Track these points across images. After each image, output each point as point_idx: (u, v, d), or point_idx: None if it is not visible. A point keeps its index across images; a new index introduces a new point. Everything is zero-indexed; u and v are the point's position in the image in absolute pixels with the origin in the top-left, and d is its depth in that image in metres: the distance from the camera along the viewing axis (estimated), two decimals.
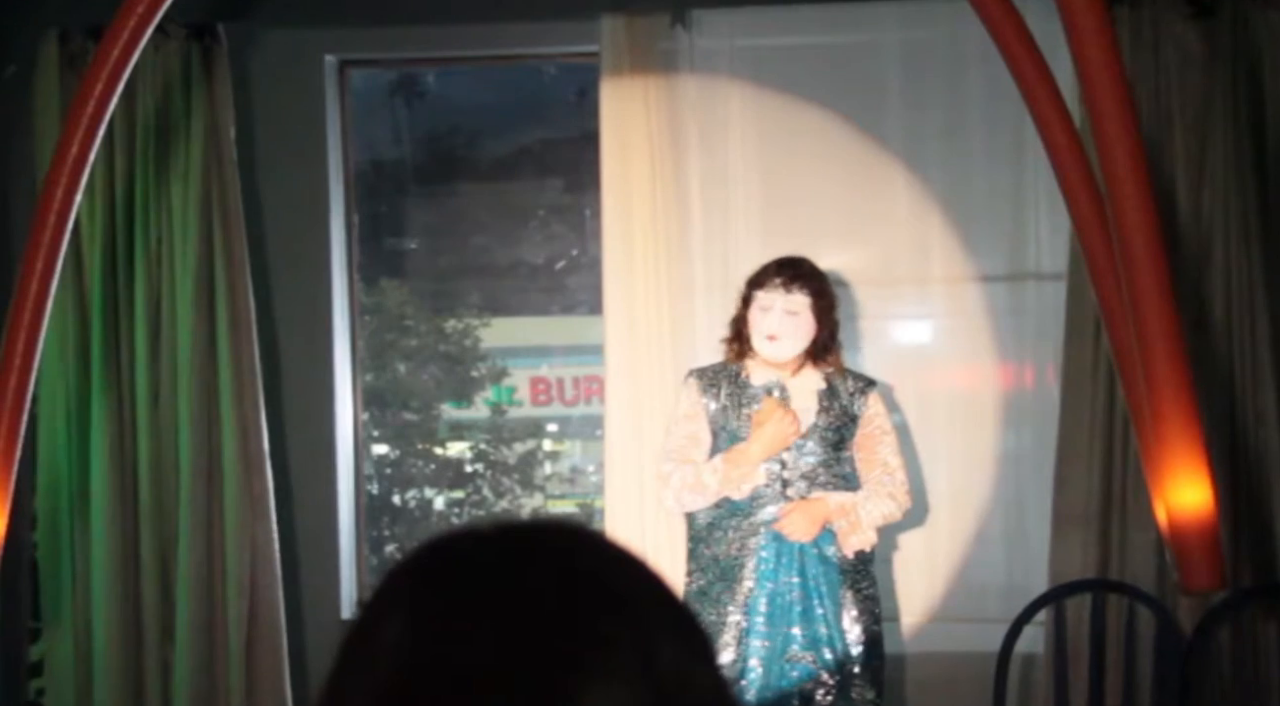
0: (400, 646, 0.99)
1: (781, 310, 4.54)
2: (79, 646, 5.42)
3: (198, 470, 5.36)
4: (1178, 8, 5.13)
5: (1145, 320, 3.34)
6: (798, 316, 4.54)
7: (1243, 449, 5.07)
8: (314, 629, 5.49)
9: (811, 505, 4.51)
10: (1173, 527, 3.45)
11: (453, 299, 6.40)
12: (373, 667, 0.99)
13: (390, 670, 0.98)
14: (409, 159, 6.36)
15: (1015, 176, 5.38)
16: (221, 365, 5.37)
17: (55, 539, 5.42)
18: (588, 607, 0.99)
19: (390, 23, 5.58)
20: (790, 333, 4.54)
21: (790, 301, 4.53)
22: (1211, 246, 5.11)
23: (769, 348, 4.56)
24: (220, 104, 5.39)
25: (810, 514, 4.50)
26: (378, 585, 1.04)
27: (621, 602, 1.00)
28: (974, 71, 5.20)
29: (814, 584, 4.51)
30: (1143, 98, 4.88)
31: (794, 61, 5.50)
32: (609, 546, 1.05)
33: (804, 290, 4.54)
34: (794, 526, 4.49)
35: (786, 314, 4.54)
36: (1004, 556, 5.43)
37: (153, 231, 5.41)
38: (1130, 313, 3.41)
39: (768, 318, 4.55)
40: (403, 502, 6.36)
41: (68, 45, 5.37)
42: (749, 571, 4.52)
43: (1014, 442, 5.49)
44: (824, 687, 4.51)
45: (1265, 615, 5.08)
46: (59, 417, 5.38)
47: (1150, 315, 3.33)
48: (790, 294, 4.53)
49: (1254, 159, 5.13)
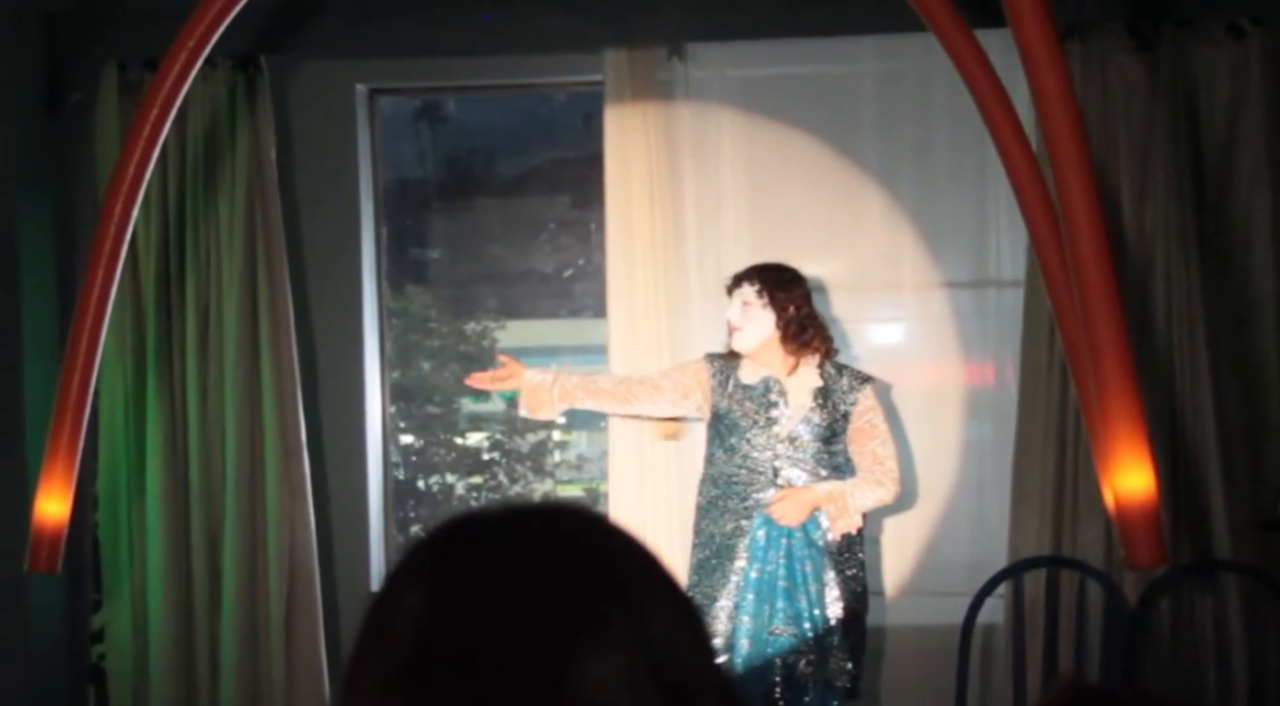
0: (419, 617, 0.99)
1: (738, 304, 4.64)
2: (136, 616, 5.43)
3: (242, 458, 5.37)
4: (1123, 43, 5.14)
5: (1095, 323, 3.34)
6: (750, 306, 4.62)
7: (1182, 439, 5.07)
8: (346, 600, 5.49)
9: (800, 493, 4.52)
10: (1119, 509, 3.45)
11: (471, 303, 6.39)
12: (394, 635, 0.99)
13: (410, 637, 0.99)
14: (431, 177, 6.35)
15: (978, 193, 5.38)
16: (263, 363, 5.37)
17: (114, 519, 5.42)
18: (588, 584, 0.99)
19: (415, 55, 5.58)
20: (747, 322, 4.63)
21: (742, 293, 4.64)
22: (1154, 257, 5.11)
23: (733, 339, 4.67)
24: (262, 128, 5.40)
25: (799, 501, 4.51)
26: (399, 561, 1.04)
27: (618, 580, 1.01)
28: (941, 99, 5.20)
29: (799, 565, 4.52)
30: (1092, 123, 4.87)
31: (779, 90, 5.50)
32: (610, 528, 1.05)
33: (750, 283, 4.64)
34: (783, 512, 4.50)
35: (742, 306, 4.63)
36: (968, 535, 5.43)
37: (201, 243, 5.41)
38: (1081, 317, 3.41)
39: (730, 313, 4.66)
40: (426, 487, 6.35)
41: (126, 75, 5.37)
42: (741, 550, 4.54)
43: (976, 433, 5.49)
44: (805, 658, 4.51)
45: (1201, 588, 5.09)
46: (118, 410, 5.38)
47: (1099, 319, 3.33)
48: (740, 288, 4.64)
49: (1192, 178, 5.13)
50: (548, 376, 4.72)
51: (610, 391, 4.76)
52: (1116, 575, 4.95)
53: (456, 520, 1.06)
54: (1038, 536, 5.13)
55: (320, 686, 5.33)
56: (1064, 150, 3.31)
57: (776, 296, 4.60)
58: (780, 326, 4.61)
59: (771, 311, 4.60)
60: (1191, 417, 5.08)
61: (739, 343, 4.64)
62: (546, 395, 4.69)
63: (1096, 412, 3.47)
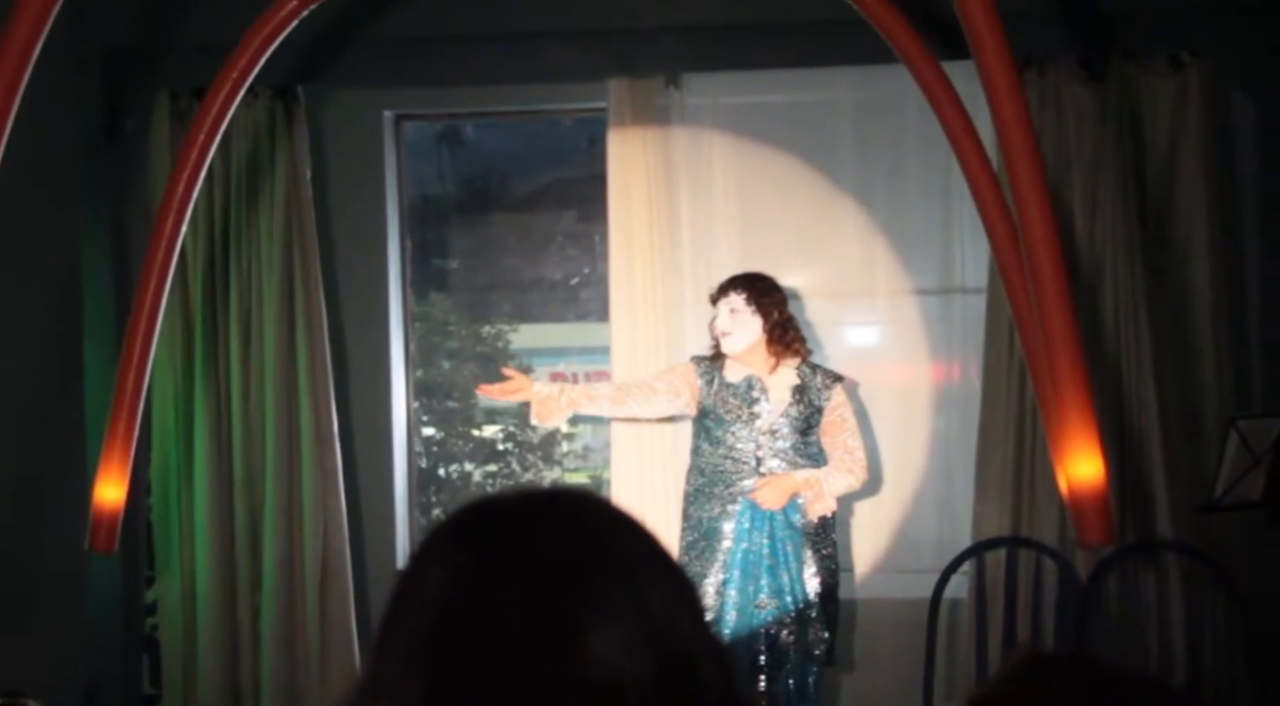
0: (441, 591, 0.99)
1: (726, 311, 4.66)
2: (185, 591, 5.43)
3: (280, 448, 5.37)
4: (1074, 73, 5.14)
5: (1050, 326, 3.34)
6: (737, 313, 4.65)
7: (1128, 431, 5.08)
8: (374, 576, 5.49)
9: (781, 479, 4.53)
10: (1071, 494, 3.45)
11: (487, 309, 6.39)
12: (419, 608, 0.99)
13: (433, 610, 0.99)
14: (451, 194, 6.35)
15: (944, 209, 5.38)
16: (299, 362, 5.38)
17: (165, 503, 5.43)
18: (592, 561, 0.99)
19: (437, 84, 5.59)
20: (735, 327, 4.66)
21: (729, 302, 4.65)
22: (1102, 267, 5.12)
23: (724, 343, 4.68)
24: (298, 151, 5.40)
25: (780, 486, 4.52)
26: (423, 541, 1.04)
27: (619, 557, 1.01)
28: (911, 124, 5.20)
29: (780, 545, 4.53)
30: (1047, 145, 4.88)
31: (765, 116, 5.50)
32: (612, 510, 1.05)
33: (737, 291, 4.66)
34: (766, 496, 4.51)
35: (730, 313, 4.65)
36: (935, 518, 5.43)
37: (243, 255, 5.41)
38: (1038, 320, 3.41)
39: (718, 320, 4.68)
40: (446, 474, 6.35)
41: (176, 103, 5.37)
42: (728, 532, 4.54)
43: (943, 426, 5.49)
44: (786, 628, 4.52)
45: (1145, 565, 5.09)
46: (168, 406, 5.39)
47: (1054, 322, 3.33)
48: (728, 296, 4.66)
49: (1137, 195, 5.13)
50: (554, 387, 4.72)
51: (609, 396, 4.77)
52: (1069, 553, 4.96)
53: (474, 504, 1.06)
54: (998, 519, 5.14)
55: (351, 654, 5.33)
56: (1022, 170, 3.31)
57: (762, 303, 4.63)
58: (766, 330, 4.64)
59: (758, 316, 4.63)
60: (1136, 412, 5.08)
61: (729, 346, 4.65)
62: (555, 404, 4.68)
63: (1052, 407, 3.47)
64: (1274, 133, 5.16)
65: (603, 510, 1.05)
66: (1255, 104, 5.21)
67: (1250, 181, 5.26)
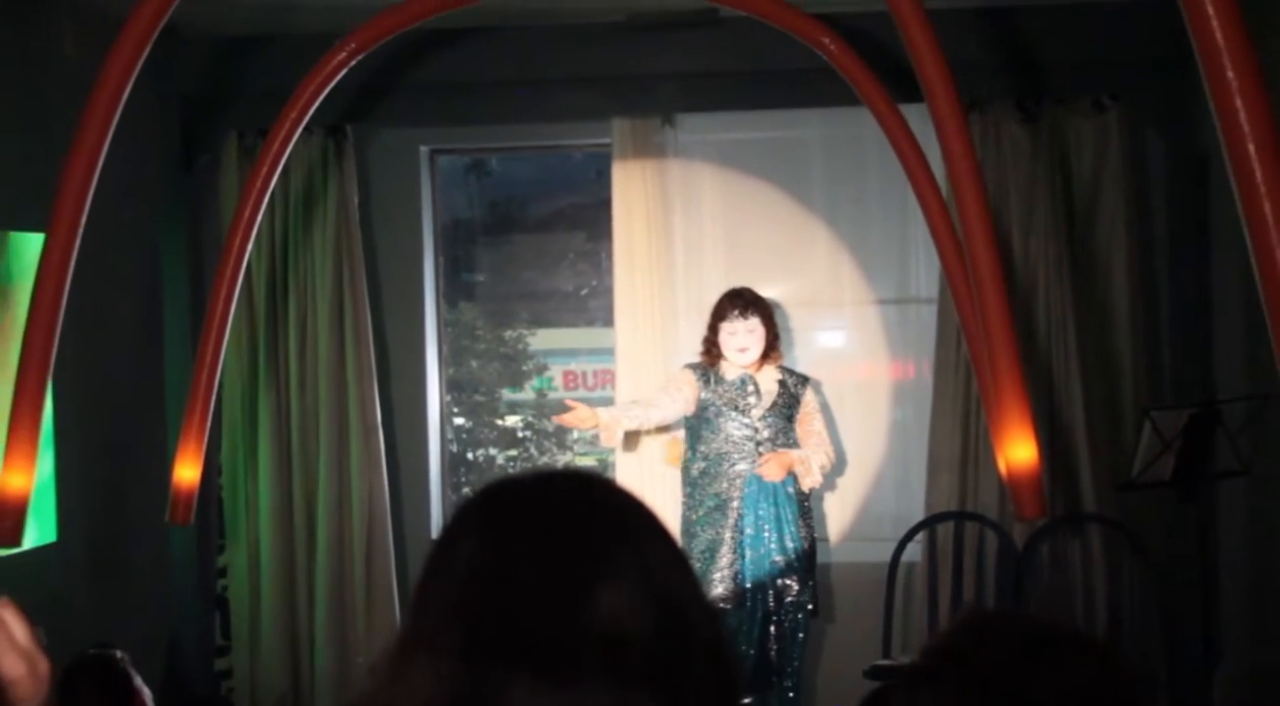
0: (471, 559, 0.99)
1: (744, 330, 4.72)
2: (250, 557, 5.43)
3: (331, 435, 5.37)
4: (1012, 114, 5.15)
5: (991, 331, 3.34)
6: (754, 332, 4.73)
7: (1058, 420, 5.08)
8: (412, 545, 5.49)
9: (782, 456, 4.67)
10: (1010, 474, 3.45)
11: (509, 315, 6.38)
12: (451, 573, 0.99)
13: (463, 575, 0.98)
14: (478, 217, 6.34)
15: (900, 230, 5.38)
16: (348, 362, 5.37)
17: (234, 481, 5.42)
18: (600, 531, 0.99)
19: (466, 123, 5.59)
20: (753, 344, 4.73)
21: (749, 324, 4.72)
22: (1036, 280, 5.12)
23: (742, 357, 4.75)
24: (347, 180, 5.40)
25: (781, 462, 4.66)
26: (454, 515, 1.04)
27: (623, 527, 1.00)
28: (872, 157, 5.20)
29: (781, 510, 4.68)
30: (989, 176, 4.88)
31: (748, 150, 5.50)
32: (615, 488, 1.05)
33: (755, 314, 4.73)
34: (770, 471, 4.66)
35: (748, 332, 4.71)
36: (893, 495, 5.43)
37: (300, 269, 5.41)
38: (981, 325, 3.41)
39: (735, 337, 4.73)
40: (474, 458, 6.34)
41: (243, 141, 5.37)
42: (736, 503, 4.67)
43: (900, 416, 5.49)
44: (787, 575, 4.66)
45: (1072, 535, 5.10)
46: (236, 398, 5.38)
47: (994, 328, 3.33)
48: (748, 319, 4.73)
49: (1065, 219, 5.14)
50: (613, 413, 4.83)
51: (643, 412, 4.85)
52: (1008, 525, 4.96)
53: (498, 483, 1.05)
54: (948, 495, 5.14)
55: (392, 612, 5.32)
56: (967, 197, 3.31)
57: (769, 324, 4.75)
58: (768, 342, 4.72)
59: (765, 332, 4.71)
60: (1065, 404, 5.09)
61: (747, 358, 4.76)
62: (618, 426, 4.82)
63: (992, 400, 3.47)
64: (1180, 166, 5.16)
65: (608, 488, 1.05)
66: (1165, 141, 5.22)
67: (1161, 207, 5.27)
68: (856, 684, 4.69)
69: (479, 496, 1.04)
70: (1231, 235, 4.22)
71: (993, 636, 1.32)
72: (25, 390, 3.42)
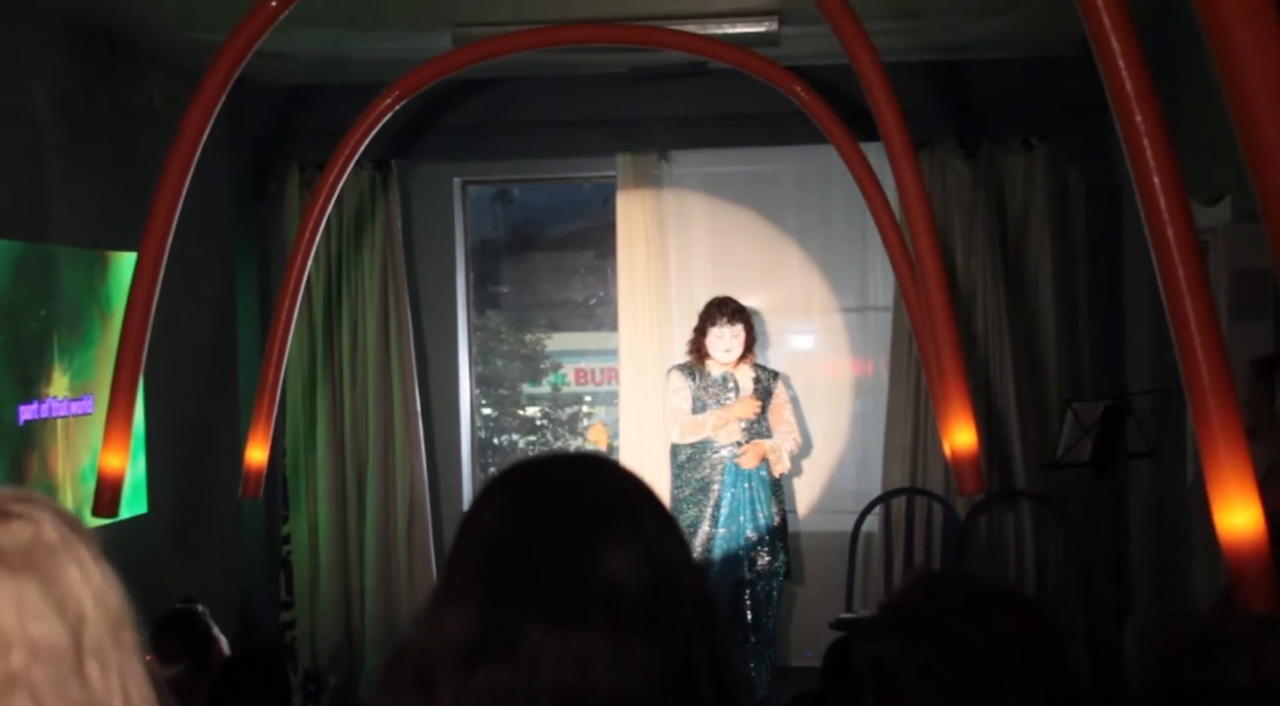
0: (493, 525, 0.99)
1: (730, 334, 4.66)
2: (310, 526, 5.42)
3: (378, 421, 5.36)
4: (955, 152, 5.15)
5: (937, 335, 3.34)
6: (738, 337, 4.67)
7: (994, 411, 5.08)
8: (447, 515, 5.48)
9: (757, 446, 4.62)
10: (952, 455, 3.45)
11: (529, 322, 6.39)
12: (478, 537, 0.99)
13: (488, 538, 0.98)
14: (502, 239, 6.35)
15: (861, 248, 5.38)
16: (392, 360, 5.37)
17: (296, 462, 5.42)
18: (604, 503, 0.99)
19: (492, 159, 5.58)
20: (736, 346, 4.68)
21: (734, 329, 4.65)
22: (975, 292, 5.12)
23: (727, 356, 4.68)
24: (392, 207, 5.40)
25: (757, 452, 4.61)
26: (481, 489, 1.04)
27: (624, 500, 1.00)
28: (837, 187, 5.19)
29: (755, 492, 4.61)
30: (936, 204, 4.87)
31: (731, 181, 5.50)
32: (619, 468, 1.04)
33: (739, 321, 4.67)
34: (747, 460, 4.59)
35: (733, 337, 4.66)
36: (854, 473, 5.43)
37: (352, 282, 5.41)
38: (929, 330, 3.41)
39: (722, 340, 4.66)
40: (499, 442, 6.35)
41: (304, 173, 5.37)
42: (716, 485, 4.61)
43: (860, 406, 5.49)
44: (759, 548, 4.60)
45: (1006, 508, 5.09)
46: (298, 391, 5.38)
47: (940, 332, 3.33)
48: (734, 324, 4.66)
49: (1000, 241, 5.14)
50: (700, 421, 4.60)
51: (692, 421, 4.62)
52: (951, 499, 4.96)
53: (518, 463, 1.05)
54: (901, 474, 5.13)
55: (430, 571, 5.32)
56: (917, 221, 3.31)
57: (748, 327, 4.69)
58: (746, 343, 4.67)
59: (745, 336, 4.66)
60: (1000, 396, 5.09)
61: (731, 357, 4.66)
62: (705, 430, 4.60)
63: (939, 393, 3.47)
64: (1097, 196, 5.16)
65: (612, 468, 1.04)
66: (1084, 175, 5.22)
67: (1081, 231, 5.27)
68: (824, 633, 4.70)
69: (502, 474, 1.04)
70: (1140, 254, 4.23)
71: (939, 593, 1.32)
72: (120, 386, 3.42)
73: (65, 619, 0.87)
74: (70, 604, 0.87)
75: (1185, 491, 4.13)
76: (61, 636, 0.86)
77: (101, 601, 0.89)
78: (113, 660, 0.88)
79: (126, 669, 0.89)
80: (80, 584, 0.89)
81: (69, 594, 0.88)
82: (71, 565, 0.89)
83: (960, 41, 4.90)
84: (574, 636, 0.91)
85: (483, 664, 0.92)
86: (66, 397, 4.12)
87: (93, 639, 0.87)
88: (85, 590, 0.89)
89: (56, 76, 4.19)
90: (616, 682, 0.91)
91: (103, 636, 0.88)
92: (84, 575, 0.89)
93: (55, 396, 4.07)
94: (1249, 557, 1.94)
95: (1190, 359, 1.97)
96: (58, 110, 4.17)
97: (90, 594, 0.89)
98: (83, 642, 0.87)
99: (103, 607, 0.89)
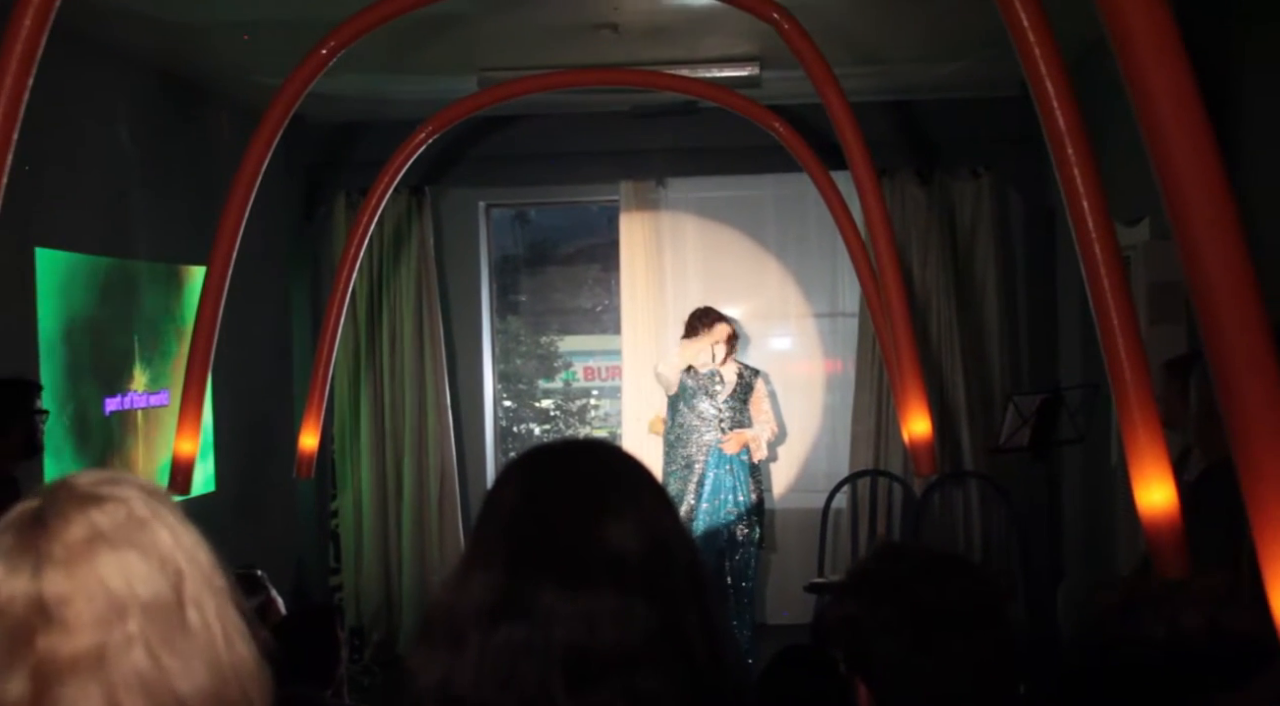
0: (512, 503, 0.99)
1: (715, 338, 4.63)
2: (355, 502, 5.43)
3: (413, 412, 5.36)
4: (912, 179, 5.16)
5: (898, 338, 3.34)
6: (725, 338, 4.61)
7: (946, 403, 5.08)
8: (473, 494, 5.48)
9: (740, 435, 4.60)
10: (910, 441, 3.45)
11: (544, 326, 6.39)
12: (499, 514, 0.99)
13: (507, 514, 0.98)
14: (521, 254, 6.35)
15: (832, 262, 5.37)
16: (426, 360, 5.37)
17: (343, 447, 5.42)
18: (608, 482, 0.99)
19: (512, 185, 5.59)
20: (724, 347, 4.61)
21: (723, 332, 4.63)
22: (930, 300, 5.12)
23: (714, 354, 4.64)
24: (426, 228, 5.40)
25: (739, 439, 4.59)
26: (501, 471, 1.04)
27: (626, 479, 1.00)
28: (811, 211, 5.19)
29: (736, 473, 4.59)
30: (895, 224, 4.88)
31: (720, 205, 5.51)
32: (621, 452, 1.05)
33: (726, 325, 4.64)
34: (730, 446, 4.57)
35: (724, 339, 4.62)
36: (825, 456, 5.43)
37: (391, 293, 5.41)
38: (891, 334, 3.42)
39: (714, 346, 4.63)
40: (517, 431, 6.35)
41: (349, 198, 5.37)
42: (699, 466, 4.58)
43: (830, 399, 5.49)
44: (740, 524, 4.56)
45: (956, 487, 5.10)
46: (344, 386, 5.39)
47: (900, 335, 3.33)
48: (718, 329, 4.62)
49: (951, 256, 5.15)
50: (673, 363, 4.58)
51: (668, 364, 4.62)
52: (909, 480, 4.96)
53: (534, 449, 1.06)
54: (865, 458, 5.14)
55: (458, 542, 5.32)
56: (880, 239, 3.32)
57: (733, 333, 4.66)
58: (731, 345, 4.64)
59: (732, 340, 4.64)
60: (951, 390, 5.09)
61: (718, 357, 4.63)
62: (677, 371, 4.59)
63: (898, 387, 3.47)
64: (1034, 217, 5.16)
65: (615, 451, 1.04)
66: (1024, 200, 5.22)
67: (1020, 247, 5.28)
68: (800, 596, 4.70)
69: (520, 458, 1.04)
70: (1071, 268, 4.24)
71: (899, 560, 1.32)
72: (191, 381, 3.42)
73: (167, 577, 0.89)
74: (169, 564, 0.90)
75: (1110, 473, 4.13)
76: (166, 592, 0.89)
77: (193, 557, 0.92)
78: (209, 604, 0.91)
79: (222, 610, 0.92)
80: (173, 546, 0.91)
81: (166, 557, 0.90)
82: (163, 530, 0.91)
83: (917, 84, 4.92)
84: (583, 598, 0.92)
85: (504, 621, 0.92)
86: (145, 392, 4.14)
87: (191, 590, 0.90)
88: (178, 550, 0.91)
89: (139, 115, 4.24)
90: (620, 637, 0.91)
91: (199, 586, 0.91)
92: (175, 538, 0.92)
93: (136, 391, 4.09)
94: (1164, 530, 1.94)
95: (1114, 358, 1.97)
96: (140, 144, 4.21)
97: (183, 553, 0.91)
98: (183, 595, 0.90)
99: (195, 563, 0.92)
